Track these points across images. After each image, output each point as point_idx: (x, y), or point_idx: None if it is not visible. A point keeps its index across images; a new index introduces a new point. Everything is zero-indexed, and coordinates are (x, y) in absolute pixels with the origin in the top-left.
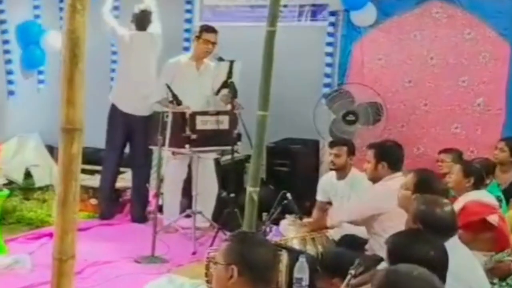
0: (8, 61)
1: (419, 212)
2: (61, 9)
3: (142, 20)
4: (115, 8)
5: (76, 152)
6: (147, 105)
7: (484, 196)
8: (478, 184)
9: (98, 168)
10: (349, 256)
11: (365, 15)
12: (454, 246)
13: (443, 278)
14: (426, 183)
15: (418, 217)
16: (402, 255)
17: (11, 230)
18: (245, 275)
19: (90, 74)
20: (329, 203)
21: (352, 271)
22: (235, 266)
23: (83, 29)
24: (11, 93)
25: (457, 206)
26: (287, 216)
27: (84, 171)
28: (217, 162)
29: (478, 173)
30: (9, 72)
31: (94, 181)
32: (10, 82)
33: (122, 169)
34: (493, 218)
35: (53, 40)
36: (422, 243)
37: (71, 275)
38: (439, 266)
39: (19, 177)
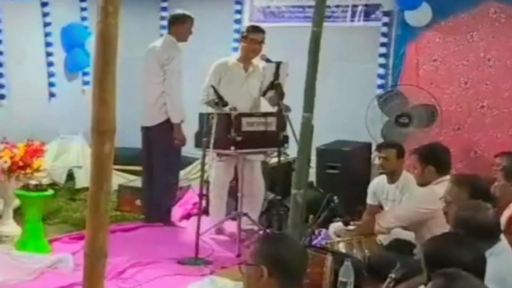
0: (50, 64)
1: (460, 217)
2: None
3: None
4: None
5: (108, 153)
6: (155, 113)
7: None
8: None
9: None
10: (396, 260)
11: (420, 15)
12: (501, 251)
13: None
14: (479, 190)
15: (459, 222)
16: (438, 259)
17: (56, 230)
18: (275, 275)
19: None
20: (381, 207)
21: (392, 275)
22: (265, 266)
23: (115, 31)
24: (52, 95)
25: (509, 212)
26: (335, 220)
27: (131, 172)
28: (265, 164)
29: None
30: (51, 75)
31: (139, 182)
32: (51, 84)
33: None
34: None
35: None
36: (459, 247)
37: (102, 273)
38: (475, 270)
39: (61, 179)
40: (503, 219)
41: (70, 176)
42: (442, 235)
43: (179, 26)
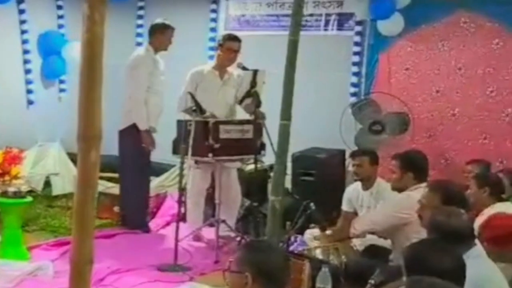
0: (28, 71)
1: (434, 223)
2: None
3: None
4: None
5: (94, 160)
6: (123, 117)
7: (509, 208)
8: (497, 194)
9: None
10: (373, 266)
11: (392, 25)
12: (477, 255)
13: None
14: (452, 196)
15: (434, 228)
16: (419, 265)
17: (34, 237)
18: (259, 281)
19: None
20: (355, 213)
21: (372, 281)
22: (248, 273)
23: (101, 40)
24: (30, 102)
25: (481, 219)
26: (311, 227)
27: (109, 178)
28: (240, 171)
29: (494, 182)
30: (29, 82)
31: (117, 189)
32: (29, 91)
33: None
34: None
35: (75, 51)
36: (439, 252)
37: (88, 280)
38: (456, 275)
39: (38, 186)
40: (476, 226)
41: (47, 183)
42: (422, 241)
43: (159, 35)
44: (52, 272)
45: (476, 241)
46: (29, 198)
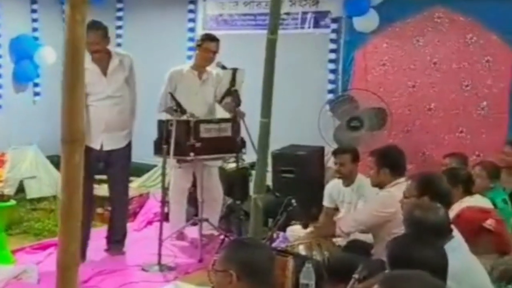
0: None
1: (413, 218)
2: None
3: None
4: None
5: (78, 162)
6: None
7: (478, 201)
8: (469, 189)
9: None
10: (355, 261)
11: (367, 22)
12: (456, 247)
13: (443, 280)
14: (429, 185)
15: (412, 223)
16: (402, 259)
17: (18, 241)
18: (244, 280)
19: None
20: (336, 209)
21: (356, 275)
22: (233, 271)
23: (82, 40)
24: None
25: (451, 213)
26: (292, 223)
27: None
28: (222, 169)
29: (466, 179)
30: None
31: (100, 190)
32: None
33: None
34: (489, 223)
35: (48, 55)
36: (422, 246)
37: (75, 283)
38: (439, 268)
39: (11, 191)
40: None
41: (21, 187)
42: (405, 235)
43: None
44: (37, 275)
45: (455, 232)
46: (12, 202)
